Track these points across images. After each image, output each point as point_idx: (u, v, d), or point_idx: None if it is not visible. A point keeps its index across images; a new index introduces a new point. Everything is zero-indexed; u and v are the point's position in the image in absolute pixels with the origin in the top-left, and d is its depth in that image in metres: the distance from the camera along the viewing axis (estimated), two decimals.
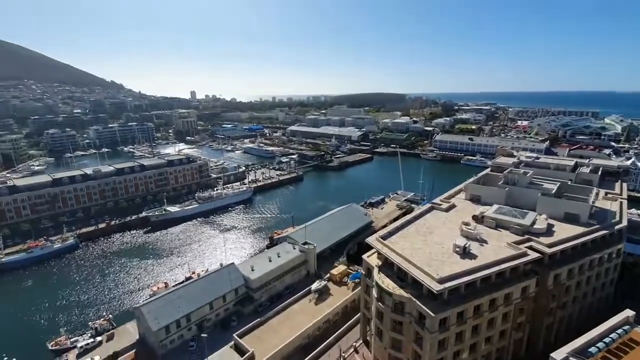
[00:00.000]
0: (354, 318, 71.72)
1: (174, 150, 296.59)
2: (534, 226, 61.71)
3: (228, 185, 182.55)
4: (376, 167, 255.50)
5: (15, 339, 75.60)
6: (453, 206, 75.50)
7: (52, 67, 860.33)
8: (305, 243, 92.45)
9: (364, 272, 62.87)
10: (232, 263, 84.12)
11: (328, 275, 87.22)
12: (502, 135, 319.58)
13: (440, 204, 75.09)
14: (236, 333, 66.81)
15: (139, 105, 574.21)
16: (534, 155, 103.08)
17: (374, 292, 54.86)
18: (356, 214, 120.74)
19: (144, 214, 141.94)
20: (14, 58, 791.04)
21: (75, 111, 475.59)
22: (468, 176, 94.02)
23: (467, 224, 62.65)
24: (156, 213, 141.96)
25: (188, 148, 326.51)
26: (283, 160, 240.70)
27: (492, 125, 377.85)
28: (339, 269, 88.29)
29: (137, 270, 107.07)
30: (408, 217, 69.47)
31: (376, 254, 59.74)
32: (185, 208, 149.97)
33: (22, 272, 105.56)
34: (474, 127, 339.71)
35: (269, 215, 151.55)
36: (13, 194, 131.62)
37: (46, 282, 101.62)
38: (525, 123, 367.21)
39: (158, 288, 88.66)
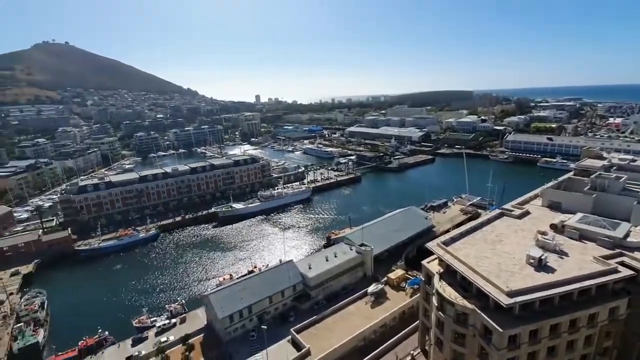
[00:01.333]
0: (412, 325, 69.29)
1: (240, 151, 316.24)
2: (628, 239, 53.37)
3: (288, 185, 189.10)
4: (438, 169, 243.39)
5: (108, 314, 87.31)
6: (527, 213, 68.69)
7: (141, 78, 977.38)
8: (362, 245, 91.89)
9: (423, 279, 60.41)
10: (291, 260, 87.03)
11: (385, 278, 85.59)
12: (589, 134, 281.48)
13: (512, 210, 68.83)
14: (293, 328, 69.03)
15: (211, 109, 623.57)
16: (629, 157, 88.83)
17: (434, 300, 52.43)
18: (416, 218, 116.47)
19: (212, 209, 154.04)
20: (113, 71, 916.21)
21: (158, 116, 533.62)
22: (546, 180, 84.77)
23: (543, 233, 56.55)
24: (223, 209, 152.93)
25: (252, 149, 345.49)
26: (341, 161, 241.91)
27: (577, 124, 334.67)
28: (396, 273, 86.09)
29: (205, 261, 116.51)
30: (474, 223, 65.00)
31: (437, 260, 57.02)
32: (249, 206, 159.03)
33: (113, 257, 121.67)
34: (553, 125, 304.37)
35: (326, 216, 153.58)
36: (109, 189, 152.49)
37: (132, 266, 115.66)
38: (618, 120, 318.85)
39: (224, 279, 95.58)
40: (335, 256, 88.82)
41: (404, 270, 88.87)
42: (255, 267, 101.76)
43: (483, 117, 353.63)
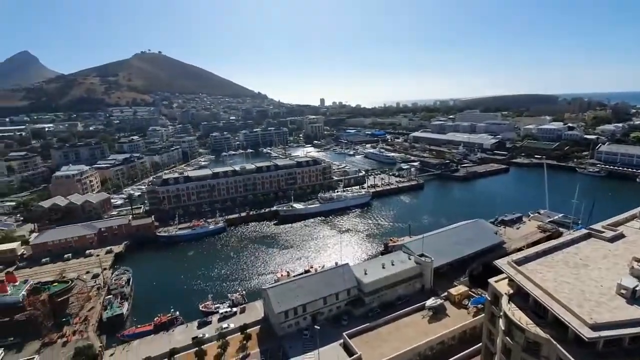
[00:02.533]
0: (474, 347, 64.26)
1: (303, 152, 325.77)
2: None
3: (348, 188, 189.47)
4: (513, 180, 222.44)
5: (179, 296, 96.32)
6: (621, 236, 59.23)
7: (218, 83, 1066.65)
8: (421, 255, 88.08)
9: (489, 298, 55.73)
10: (347, 264, 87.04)
11: (446, 293, 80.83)
12: None
13: (602, 232, 59.95)
14: (346, 332, 68.82)
15: (278, 112, 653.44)
16: None
17: (501, 324, 48.01)
18: (484, 231, 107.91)
19: (274, 208, 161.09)
20: (195, 77, 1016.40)
21: (231, 118, 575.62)
22: None
23: None
24: (284, 208, 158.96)
25: (315, 151, 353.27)
26: (403, 167, 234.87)
27: None
28: (459, 289, 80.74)
29: (265, 256, 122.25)
30: (554, 242, 58.09)
31: (507, 279, 52.16)
32: (309, 206, 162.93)
33: (186, 244, 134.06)
34: None
35: (384, 222, 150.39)
36: (186, 183, 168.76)
37: (202, 254, 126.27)
38: None
39: (281, 275, 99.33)
40: (393, 264, 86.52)
41: (467, 286, 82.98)
42: (312, 267, 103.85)
43: (570, 124, 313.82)
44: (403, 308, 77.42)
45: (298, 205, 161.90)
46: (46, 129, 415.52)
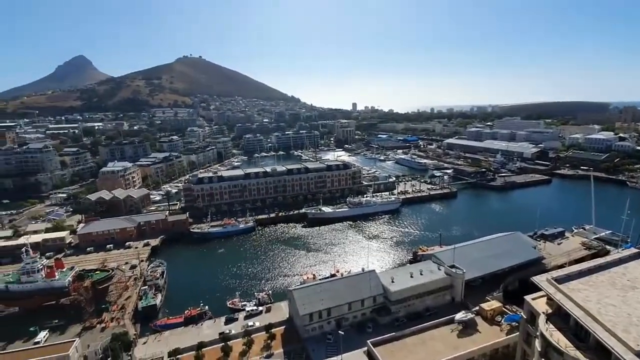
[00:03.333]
0: None
1: (333, 156, 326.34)
2: None
3: (377, 194, 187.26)
4: (556, 192, 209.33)
5: (208, 291, 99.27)
6: None
7: (253, 86, 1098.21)
8: (452, 266, 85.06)
9: (525, 316, 52.76)
10: (373, 270, 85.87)
11: (477, 308, 77.35)
12: None
13: None
14: (370, 340, 67.77)
15: (310, 115, 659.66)
16: None
17: (538, 345, 45.27)
18: (521, 245, 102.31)
19: (303, 210, 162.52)
20: (232, 80, 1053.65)
21: (264, 120, 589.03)
22: None
23: None
24: (313, 211, 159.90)
25: (345, 155, 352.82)
26: (436, 174, 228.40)
27: None
28: (491, 304, 76.96)
29: (292, 257, 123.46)
30: (600, 261, 54.06)
31: (545, 298, 49.16)
32: (337, 210, 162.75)
33: (217, 241, 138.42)
34: None
35: (414, 230, 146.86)
36: (220, 182, 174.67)
37: (231, 252, 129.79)
38: None
39: (307, 278, 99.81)
40: (421, 274, 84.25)
41: (500, 302, 78.91)
42: (338, 271, 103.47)
43: (622, 135, 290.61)
44: (431, 320, 75.09)
45: (327, 209, 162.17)
46: (96, 128, 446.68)
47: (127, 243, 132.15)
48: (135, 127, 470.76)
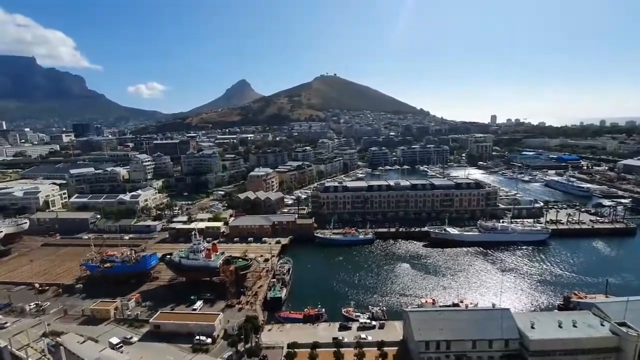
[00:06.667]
0: None
1: (464, 173, 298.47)
2: None
3: (518, 220, 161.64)
4: None
5: (325, 295, 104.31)
6: None
7: (382, 100, 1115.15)
8: (622, 324, 65.76)
9: None
10: (508, 309, 74.30)
11: None
12: None
13: None
14: None
15: (439, 129, 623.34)
16: None
17: None
18: None
19: (425, 228, 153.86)
20: (361, 95, 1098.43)
21: (390, 134, 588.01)
22: None
23: None
24: (436, 230, 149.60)
25: (479, 173, 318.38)
26: (605, 204, 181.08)
27: None
28: None
29: (409, 276, 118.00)
30: None
31: None
32: (465, 233, 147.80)
33: (337, 249, 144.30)
34: None
35: (566, 270, 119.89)
36: (344, 192, 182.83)
37: (349, 261, 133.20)
38: None
39: (426, 302, 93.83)
40: (575, 325, 68.13)
41: None
42: (462, 301, 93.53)
43: None
44: None
45: (453, 230, 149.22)
46: (248, 138, 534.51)
47: (263, 239, 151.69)
48: (277, 138, 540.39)
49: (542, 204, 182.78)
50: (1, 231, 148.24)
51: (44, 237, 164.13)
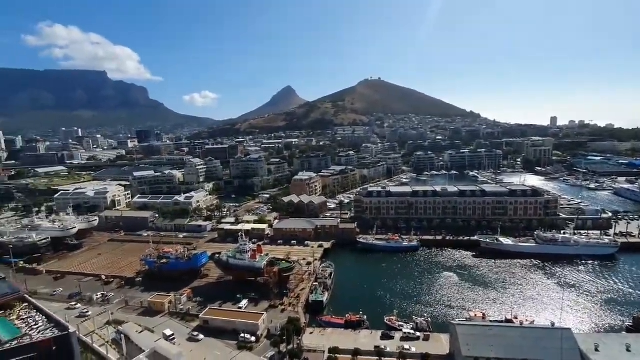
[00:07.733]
0: None
1: (519, 180, 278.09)
2: None
3: (581, 232, 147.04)
4: None
5: (367, 301, 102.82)
6: None
7: (428, 103, 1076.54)
8: None
9: None
10: (569, 329, 68.03)
11: None
12: None
13: None
14: None
15: (492, 132, 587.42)
16: None
17: None
18: None
19: (475, 237, 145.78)
20: (407, 98, 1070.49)
21: (437, 138, 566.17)
22: None
23: None
24: (487, 240, 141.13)
25: (536, 179, 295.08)
26: None
27: None
28: None
29: (457, 287, 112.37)
30: None
31: None
32: (520, 244, 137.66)
33: (380, 255, 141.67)
34: None
35: (638, 288, 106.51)
36: (388, 197, 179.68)
37: (392, 268, 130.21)
38: None
39: (475, 315, 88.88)
40: None
41: None
42: (516, 317, 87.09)
43: None
44: None
45: (505, 240, 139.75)
46: (293, 143, 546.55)
47: (306, 242, 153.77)
48: (320, 143, 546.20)
49: (610, 214, 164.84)
50: (76, 227, 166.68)
51: (110, 233, 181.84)
